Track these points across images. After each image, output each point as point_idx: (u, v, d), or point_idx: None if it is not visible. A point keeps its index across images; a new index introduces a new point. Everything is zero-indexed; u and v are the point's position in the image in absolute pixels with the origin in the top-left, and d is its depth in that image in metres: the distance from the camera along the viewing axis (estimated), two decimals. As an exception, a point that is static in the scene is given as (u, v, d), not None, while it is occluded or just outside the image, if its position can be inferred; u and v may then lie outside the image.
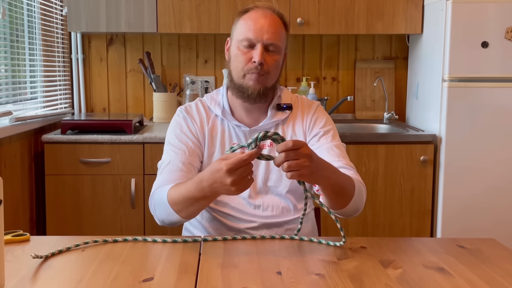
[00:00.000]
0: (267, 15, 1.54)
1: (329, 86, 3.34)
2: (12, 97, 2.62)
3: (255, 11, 1.55)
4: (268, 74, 1.54)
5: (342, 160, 1.55)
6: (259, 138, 1.25)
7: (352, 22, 2.96)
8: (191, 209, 1.40)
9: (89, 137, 2.63)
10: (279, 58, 1.56)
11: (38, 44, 2.87)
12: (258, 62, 1.50)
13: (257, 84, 1.53)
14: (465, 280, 1.15)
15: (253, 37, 1.51)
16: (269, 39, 1.51)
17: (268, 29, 1.51)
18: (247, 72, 1.53)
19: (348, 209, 1.45)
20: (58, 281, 1.13)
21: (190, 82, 3.12)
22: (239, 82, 1.56)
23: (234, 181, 1.23)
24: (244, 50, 1.53)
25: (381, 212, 2.78)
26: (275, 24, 1.53)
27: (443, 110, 2.68)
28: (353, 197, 1.42)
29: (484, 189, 2.69)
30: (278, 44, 1.54)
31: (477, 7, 2.63)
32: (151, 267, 1.20)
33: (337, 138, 1.63)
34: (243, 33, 1.53)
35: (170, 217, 1.45)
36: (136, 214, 2.68)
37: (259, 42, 1.51)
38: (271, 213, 1.58)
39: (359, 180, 1.50)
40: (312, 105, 1.68)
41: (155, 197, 1.50)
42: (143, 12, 2.88)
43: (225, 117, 1.62)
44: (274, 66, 1.55)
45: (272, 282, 1.12)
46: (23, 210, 2.59)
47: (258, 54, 1.50)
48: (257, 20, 1.52)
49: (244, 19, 1.55)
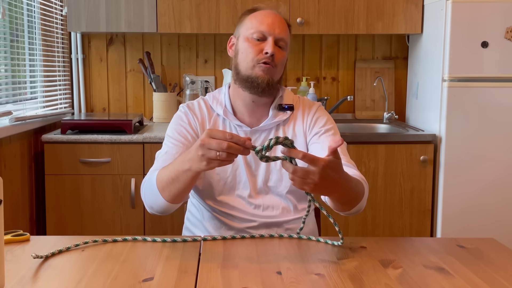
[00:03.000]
0: (275, 14, 1.60)
1: (329, 86, 3.34)
2: (12, 97, 2.62)
3: (264, 8, 1.62)
4: (276, 67, 1.57)
5: (343, 157, 1.55)
6: (271, 145, 1.21)
7: (352, 22, 2.96)
8: (172, 188, 1.38)
9: (89, 137, 2.63)
10: (286, 55, 1.61)
11: (38, 44, 2.87)
12: (270, 53, 1.53)
13: (266, 74, 1.55)
14: (465, 280, 1.15)
15: (265, 30, 1.56)
16: (280, 33, 1.57)
17: (280, 25, 1.57)
18: (257, 62, 1.55)
19: (351, 212, 1.46)
20: (58, 281, 1.13)
21: (190, 82, 3.12)
22: (248, 73, 1.57)
23: (204, 154, 1.22)
24: (255, 42, 1.56)
25: (381, 212, 2.78)
26: (283, 23, 1.60)
27: (443, 110, 2.68)
28: (360, 202, 1.43)
29: (484, 188, 2.69)
30: (287, 41, 1.60)
31: (477, 7, 2.63)
32: (151, 267, 1.20)
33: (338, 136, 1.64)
34: (255, 27, 1.57)
35: (155, 198, 1.44)
36: (136, 214, 2.68)
37: (271, 35, 1.56)
38: (271, 213, 1.58)
39: (363, 179, 1.50)
40: (313, 105, 1.69)
41: (146, 181, 1.51)
42: (143, 12, 2.88)
43: (227, 116, 1.62)
44: (281, 61, 1.58)
45: (272, 282, 1.12)
46: (23, 210, 2.59)
47: (270, 45, 1.54)
48: (268, 15, 1.58)
49: (254, 15, 1.60)
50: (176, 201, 1.44)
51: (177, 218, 2.67)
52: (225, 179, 1.59)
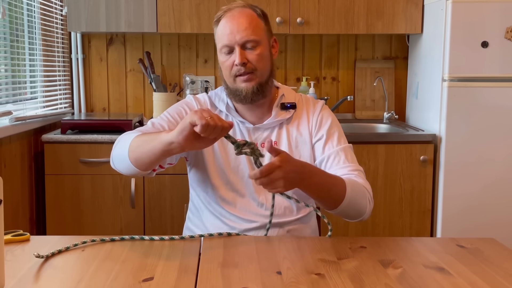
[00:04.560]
0: (235, 15, 1.55)
1: (329, 86, 3.33)
2: (12, 97, 2.62)
3: (225, 16, 1.57)
4: (255, 70, 1.55)
5: (349, 165, 1.56)
6: (241, 150, 1.30)
7: (352, 22, 2.96)
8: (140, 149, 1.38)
9: (89, 137, 2.63)
10: (262, 50, 1.56)
11: (38, 44, 2.87)
12: (239, 64, 1.53)
13: (248, 83, 1.55)
14: (465, 280, 1.15)
15: (227, 42, 1.54)
16: (243, 37, 1.53)
17: (239, 28, 1.53)
18: (234, 76, 1.56)
19: (341, 211, 1.45)
20: (58, 281, 1.13)
21: (190, 82, 3.12)
22: (233, 87, 1.58)
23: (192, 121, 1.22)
24: (226, 57, 1.56)
25: (381, 212, 2.78)
26: (246, 20, 1.54)
27: (443, 110, 2.68)
28: (344, 199, 1.43)
29: (484, 188, 2.69)
30: (254, 38, 1.54)
31: (477, 7, 2.63)
32: (151, 267, 1.20)
33: (342, 141, 1.63)
34: (220, 41, 1.56)
35: (121, 153, 1.45)
36: (136, 214, 2.68)
37: (234, 44, 1.53)
38: (273, 213, 1.58)
39: (362, 184, 1.50)
40: (317, 104, 1.68)
41: (125, 134, 1.52)
42: (143, 12, 2.88)
43: (230, 112, 1.63)
44: (259, 60, 1.55)
45: (272, 282, 1.12)
46: (23, 210, 2.59)
47: (237, 56, 1.53)
48: (226, 24, 1.54)
49: (218, 27, 1.58)
50: (141, 166, 1.42)
51: (177, 218, 2.67)
52: (227, 177, 1.59)
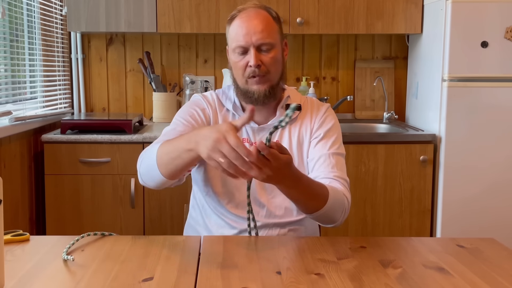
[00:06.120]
0: (252, 16, 1.54)
1: (328, 86, 3.33)
2: (11, 97, 2.62)
3: (239, 15, 1.56)
4: (269, 73, 1.55)
5: (335, 171, 1.53)
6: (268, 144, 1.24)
7: (352, 21, 2.96)
8: (170, 164, 1.36)
9: (89, 137, 2.63)
10: (276, 54, 1.56)
11: (38, 44, 2.87)
12: (254, 66, 1.52)
13: (261, 86, 1.55)
14: (465, 280, 1.15)
15: (243, 43, 1.53)
16: (259, 39, 1.52)
17: (255, 30, 1.52)
18: (248, 77, 1.55)
19: (317, 217, 1.44)
20: (58, 281, 1.13)
21: (189, 82, 3.12)
22: (244, 87, 1.58)
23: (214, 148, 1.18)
24: (239, 57, 1.55)
25: (381, 212, 2.78)
26: (262, 22, 1.53)
27: (442, 110, 2.68)
28: (319, 210, 1.41)
29: (483, 188, 2.69)
30: (270, 41, 1.53)
31: (477, 7, 2.63)
32: (151, 267, 1.20)
33: (336, 146, 1.60)
34: (234, 40, 1.55)
35: (152, 170, 1.42)
36: (136, 214, 2.68)
37: (250, 45, 1.52)
38: (274, 213, 1.59)
39: (343, 193, 1.48)
40: (322, 106, 1.68)
41: (147, 151, 1.48)
42: (143, 11, 2.88)
43: (236, 112, 1.63)
44: (272, 64, 1.55)
45: (272, 282, 1.12)
46: (23, 210, 2.59)
47: (252, 57, 1.52)
48: (242, 25, 1.53)
49: (232, 26, 1.57)
50: (172, 177, 1.42)
51: (177, 218, 2.67)
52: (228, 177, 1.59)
